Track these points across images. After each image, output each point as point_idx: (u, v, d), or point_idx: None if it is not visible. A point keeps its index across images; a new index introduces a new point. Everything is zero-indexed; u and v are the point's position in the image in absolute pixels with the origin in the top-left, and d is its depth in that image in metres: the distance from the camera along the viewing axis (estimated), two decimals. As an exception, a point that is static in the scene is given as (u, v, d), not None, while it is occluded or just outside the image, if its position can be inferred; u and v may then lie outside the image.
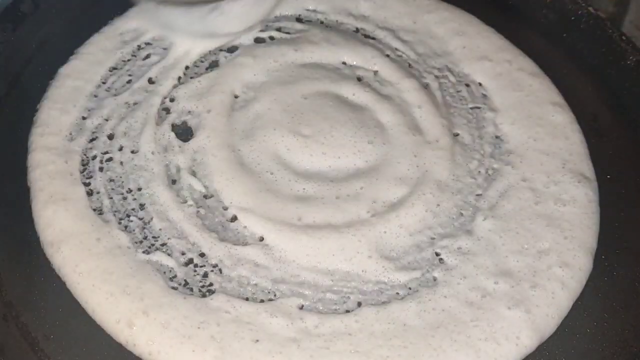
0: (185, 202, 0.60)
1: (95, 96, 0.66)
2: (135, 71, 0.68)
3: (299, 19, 0.75)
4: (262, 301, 0.54)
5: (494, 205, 0.61)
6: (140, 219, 0.58)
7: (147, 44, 0.71)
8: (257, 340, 0.51)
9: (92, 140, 0.63)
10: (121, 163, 0.61)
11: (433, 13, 0.76)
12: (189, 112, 0.66)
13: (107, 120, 0.64)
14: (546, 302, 0.55)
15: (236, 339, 0.51)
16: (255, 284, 0.55)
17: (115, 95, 0.66)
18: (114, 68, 0.68)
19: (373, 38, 0.74)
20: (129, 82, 0.67)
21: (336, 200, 0.60)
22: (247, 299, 0.54)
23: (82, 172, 0.61)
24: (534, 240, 0.59)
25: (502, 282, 0.56)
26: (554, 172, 0.63)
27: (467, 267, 0.57)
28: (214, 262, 0.56)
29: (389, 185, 0.61)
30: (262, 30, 0.73)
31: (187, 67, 0.69)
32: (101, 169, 0.61)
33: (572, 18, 0.77)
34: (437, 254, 0.58)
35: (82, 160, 0.61)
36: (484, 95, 0.70)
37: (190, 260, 0.56)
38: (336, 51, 0.72)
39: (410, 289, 0.55)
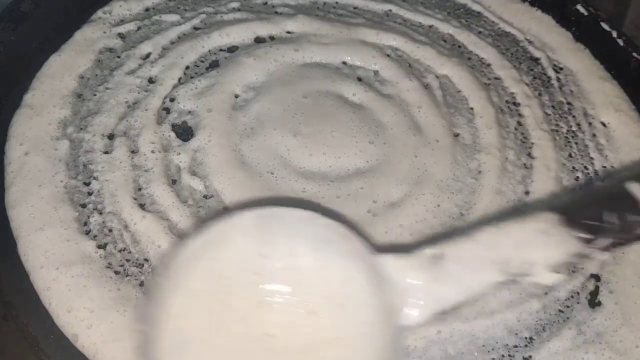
0: (185, 202, 0.59)
1: (95, 95, 0.66)
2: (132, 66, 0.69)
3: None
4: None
5: None
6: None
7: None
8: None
9: (91, 140, 0.63)
10: (121, 163, 0.61)
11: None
12: (189, 112, 0.66)
13: (107, 119, 0.64)
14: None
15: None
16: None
17: (111, 89, 0.66)
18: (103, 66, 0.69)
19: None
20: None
21: (336, 200, 0.60)
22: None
23: (81, 172, 0.61)
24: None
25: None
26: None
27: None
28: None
29: (389, 185, 0.61)
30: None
31: (187, 67, 0.69)
32: (101, 170, 0.61)
33: (572, 18, 0.77)
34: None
35: (82, 160, 0.62)
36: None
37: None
38: (336, 51, 0.72)
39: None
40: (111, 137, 0.63)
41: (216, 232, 0.42)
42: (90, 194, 0.59)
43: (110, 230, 0.57)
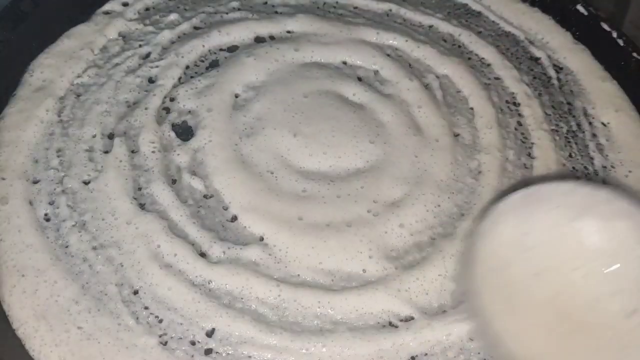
0: (186, 202, 0.59)
1: (95, 95, 0.66)
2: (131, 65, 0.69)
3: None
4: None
5: None
6: (141, 218, 0.58)
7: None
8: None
9: (91, 139, 0.63)
10: (121, 162, 0.61)
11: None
12: (189, 111, 0.66)
13: (107, 118, 0.64)
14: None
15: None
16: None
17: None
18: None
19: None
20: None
21: (337, 200, 0.60)
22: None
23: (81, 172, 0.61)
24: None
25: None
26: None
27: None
28: (214, 261, 0.56)
29: (389, 185, 0.61)
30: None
31: (187, 67, 0.69)
32: (100, 169, 0.61)
33: (572, 18, 0.77)
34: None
35: (81, 160, 0.61)
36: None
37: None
38: (336, 51, 0.72)
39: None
40: (111, 136, 0.63)
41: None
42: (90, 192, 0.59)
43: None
